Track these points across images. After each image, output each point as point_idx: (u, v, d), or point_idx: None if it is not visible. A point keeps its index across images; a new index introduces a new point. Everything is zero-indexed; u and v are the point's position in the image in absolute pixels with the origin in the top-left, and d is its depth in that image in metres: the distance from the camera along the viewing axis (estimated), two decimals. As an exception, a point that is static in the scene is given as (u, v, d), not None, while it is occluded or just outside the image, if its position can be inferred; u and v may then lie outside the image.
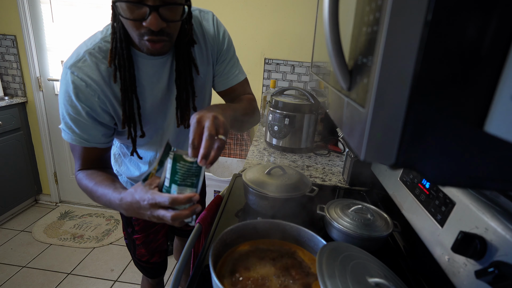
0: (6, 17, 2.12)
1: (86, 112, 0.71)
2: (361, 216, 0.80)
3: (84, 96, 0.70)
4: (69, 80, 0.69)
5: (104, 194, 0.69)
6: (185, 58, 0.78)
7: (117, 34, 0.69)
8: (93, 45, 0.71)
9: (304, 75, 1.98)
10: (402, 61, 0.26)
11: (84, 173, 0.76)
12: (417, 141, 0.28)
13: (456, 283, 0.56)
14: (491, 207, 0.55)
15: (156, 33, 0.64)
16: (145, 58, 0.75)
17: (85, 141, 0.74)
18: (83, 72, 0.69)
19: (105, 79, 0.71)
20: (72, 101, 0.69)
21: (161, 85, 0.80)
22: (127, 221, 1.04)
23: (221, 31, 0.88)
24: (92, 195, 0.73)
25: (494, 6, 0.23)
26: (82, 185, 0.75)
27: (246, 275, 0.63)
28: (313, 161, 1.45)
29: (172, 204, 0.57)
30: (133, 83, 0.73)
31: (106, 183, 0.72)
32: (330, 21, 0.36)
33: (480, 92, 0.26)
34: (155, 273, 1.17)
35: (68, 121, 0.71)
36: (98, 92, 0.71)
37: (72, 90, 0.69)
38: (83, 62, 0.69)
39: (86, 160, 0.77)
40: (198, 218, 0.91)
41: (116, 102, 0.74)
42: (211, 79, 0.91)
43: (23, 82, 2.27)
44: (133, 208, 0.63)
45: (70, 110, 0.70)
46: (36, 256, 1.95)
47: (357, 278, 0.51)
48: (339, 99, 0.44)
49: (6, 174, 2.22)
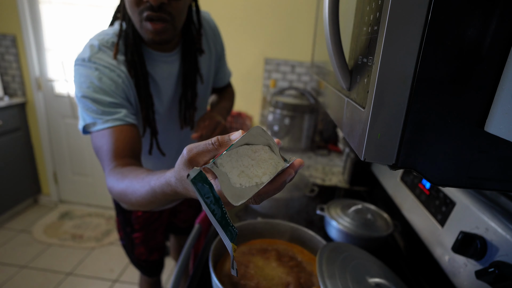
0: (6, 17, 2.12)
1: (111, 95, 0.67)
2: (361, 216, 0.80)
3: (109, 80, 0.67)
4: (90, 69, 0.66)
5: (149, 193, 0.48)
6: (192, 64, 0.81)
7: (129, 31, 0.70)
8: (106, 40, 0.71)
9: (304, 75, 1.98)
10: (402, 61, 0.26)
11: (116, 173, 0.59)
12: (417, 141, 0.28)
13: (456, 283, 0.56)
14: (491, 207, 0.55)
15: (156, 9, 0.63)
16: (154, 55, 0.76)
17: (116, 118, 0.66)
18: (104, 61, 0.68)
19: (126, 70, 0.71)
20: (95, 86, 0.65)
21: (172, 82, 0.81)
22: (125, 220, 1.04)
23: (218, 32, 0.92)
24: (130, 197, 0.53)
25: (494, 6, 0.23)
26: (116, 187, 0.57)
27: (246, 275, 0.63)
28: (313, 161, 1.45)
29: None
30: (146, 78, 0.73)
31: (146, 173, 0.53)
32: (330, 21, 0.36)
33: (480, 92, 0.26)
34: (154, 272, 1.17)
35: (91, 106, 0.65)
36: (123, 77, 0.69)
37: (95, 76, 0.65)
38: (102, 53, 0.69)
39: (119, 149, 0.64)
40: (198, 218, 0.91)
41: (135, 95, 0.74)
42: (212, 82, 0.94)
43: (23, 82, 2.27)
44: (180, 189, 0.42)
45: (93, 96, 0.65)
46: (36, 256, 1.95)
47: (357, 278, 0.51)
48: (339, 99, 0.44)
49: (6, 174, 2.22)
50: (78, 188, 2.52)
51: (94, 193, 2.50)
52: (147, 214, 1.02)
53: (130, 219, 1.02)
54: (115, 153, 0.63)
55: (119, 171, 0.59)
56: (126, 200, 0.55)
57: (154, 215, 1.04)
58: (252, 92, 2.03)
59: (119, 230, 1.10)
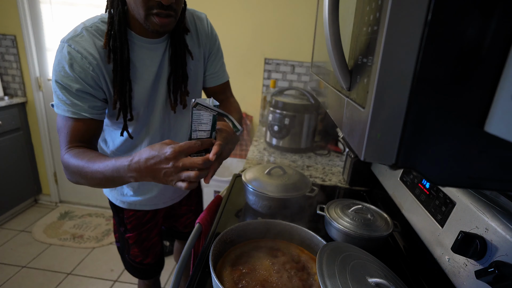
0: (6, 17, 2.12)
1: (79, 82, 0.71)
2: (361, 216, 0.80)
3: (79, 67, 0.70)
4: (65, 52, 0.70)
5: (105, 165, 0.65)
6: (180, 43, 0.83)
7: (115, 18, 0.72)
8: (91, 24, 0.74)
9: (304, 75, 1.98)
10: (402, 61, 0.26)
11: (73, 152, 0.71)
12: (417, 141, 0.28)
13: (456, 283, 0.56)
14: (491, 207, 0.55)
15: (166, 7, 0.68)
16: (141, 41, 0.78)
17: (76, 111, 0.71)
18: (80, 45, 0.70)
19: (101, 56, 0.73)
20: (66, 72, 0.70)
21: (153, 68, 0.82)
22: (119, 220, 1.03)
23: (214, 31, 0.95)
24: (85, 172, 0.67)
25: (494, 6, 0.23)
26: (71, 164, 0.69)
27: (246, 275, 0.63)
28: (313, 161, 1.45)
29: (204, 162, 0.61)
30: (127, 65, 0.75)
31: (103, 157, 0.68)
32: (330, 21, 0.36)
33: (480, 92, 0.26)
34: (148, 275, 1.16)
35: (60, 93, 0.71)
36: (94, 65, 0.71)
37: (67, 61, 0.69)
38: (81, 37, 0.71)
39: (76, 136, 0.73)
40: (198, 218, 0.91)
41: (109, 80, 0.75)
42: (202, 71, 0.95)
43: (23, 82, 2.27)
44: (149, 165, 0.61)
45: (62, 81, 0.70)
46: (36, 256, 1.95)
47: (357, 278, 0.51)
48: (339, 99, 0.44)
49: (6, 174, 2.22)
50: (78, 188, 2.52)
51: (94, 193, 2.50)
52: (139, 213, 1.02)
53: (123, 219, 1.02)
54: (72, 139, 0.73)
55: (76, 151, 0.71)
56: (81, 172, 0.68)
57: (147, 215, 1.04)
58: (252, 92, 2.03)
59: (115, 232, 1.09)
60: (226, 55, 1.10)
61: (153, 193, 0.98)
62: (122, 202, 0.99)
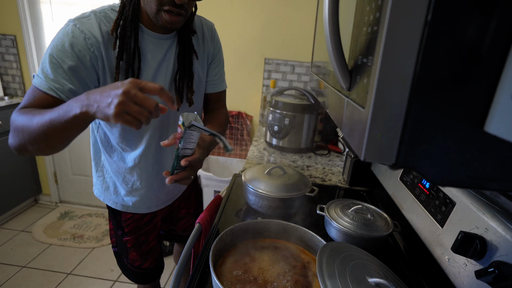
0: (6, 17, 2.12)
1: (74, 60, 0.70)
2: (361, 216, 0.80)
3: (79, 47, 0.71)
4: (68, 30, 0.70)
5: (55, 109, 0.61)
6: (187, 43, 0.85)
7: (128, 7, 0.75)
8: (100, 10, 0.76)
9: (304, 75, 1.98)
10: (402, 61, 0.26)
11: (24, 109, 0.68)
12: (417, 141, 0.28)
13: (456, 283, 0.56)
14: (491, 207, 0.55)
15: (178, 6, 0.71)
16: (148, 34, 0.80)
17: (55, 89, 0.69)
18: (85, 26, 0.72)
19: (104, 40, 0.74)
20: (64, 47, 0.69)
21: (154, 63, 0.83)
22: (117, 223, 1.02)
23: (218, 41, 0.98)
24: (32, 121, 0.63)
25: (494, 6, 0.23)
26: (19, 119, 0.65)
27: (246, 275, 0.63)
28: (313, 161, 1.45)
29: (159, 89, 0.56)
30: (135, 54, 0.77)
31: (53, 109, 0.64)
32: (330, 21, 0.36)
33: (480, 92, 0.26)
34: (147, 279, 1.14)
35: (47, 67, 0.69)
36: (95, 47, 0.72)
37: (69, 39, 0.70)
38: (88, 19, 0.73)
39: (37, 106, 0.69)
40: (198, 218, 0.91)
41: (107, 66, 0.76)
42: (205, 74, 0.97)
43: (23, 82, 2.27)
44: (100, 88, 0.57)
45: (57, 55, 0.69)
46: (36, 256, 1.95)
47: (357, 278, 0.51)
48: (339, 99, 0.44)
49: (6, 174, 2.22)
50: (78, 188, 2.52)
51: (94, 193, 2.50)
52: (136, 215, 1.01)
53: (120, 222, 1.01)
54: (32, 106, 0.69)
55: (30, 109, 0.67)
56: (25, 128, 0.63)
57: (144, 218, 1.03)
58: (252, 92, 2.03)
59: (111, 237, 1.08)
60: (226, 55, 1.11)
61: (145, 190, 0.96)
62: (115, 203, 0.98)
